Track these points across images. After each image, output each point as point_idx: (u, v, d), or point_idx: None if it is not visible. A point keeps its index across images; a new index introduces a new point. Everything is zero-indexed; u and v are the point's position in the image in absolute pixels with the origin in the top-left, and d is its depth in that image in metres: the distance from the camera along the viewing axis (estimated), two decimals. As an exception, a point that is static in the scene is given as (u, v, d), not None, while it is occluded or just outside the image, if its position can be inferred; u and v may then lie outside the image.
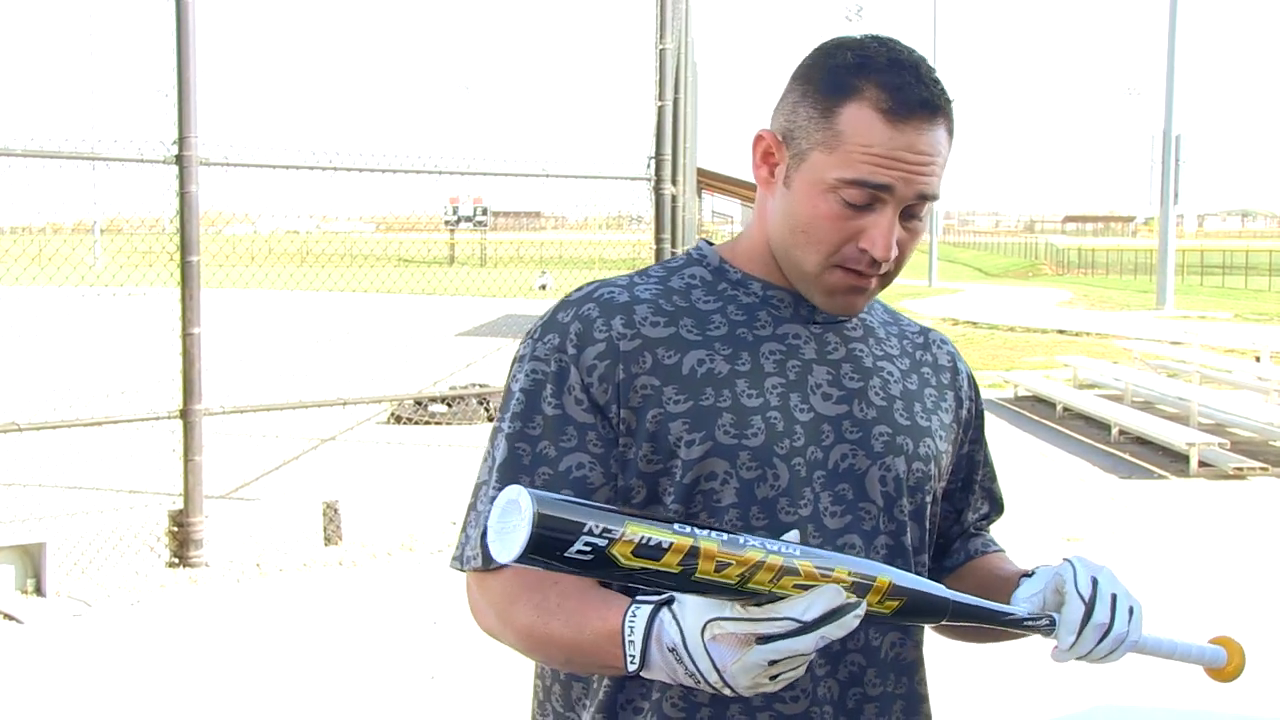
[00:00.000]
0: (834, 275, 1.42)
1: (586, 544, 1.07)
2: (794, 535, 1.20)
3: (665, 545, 1.10)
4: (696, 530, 1.11)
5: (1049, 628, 1.36)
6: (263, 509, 7.37)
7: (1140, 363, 14.67)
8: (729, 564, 1.12)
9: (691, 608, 1.16)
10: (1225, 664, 1.46)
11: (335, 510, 7.05)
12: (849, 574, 1.18)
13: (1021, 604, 1.39)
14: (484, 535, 1.40)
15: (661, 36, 7.95)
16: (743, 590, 1.13)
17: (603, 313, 1.43)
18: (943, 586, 1.30)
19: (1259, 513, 8.27)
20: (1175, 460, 9.68)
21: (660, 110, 8.02)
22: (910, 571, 1.45)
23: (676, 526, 1.11)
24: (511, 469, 1.41)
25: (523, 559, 1.06)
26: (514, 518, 1.07)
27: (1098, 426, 11.27)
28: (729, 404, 1.40)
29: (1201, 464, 9.37)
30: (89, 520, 6.91)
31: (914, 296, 33.14)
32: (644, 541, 1.09)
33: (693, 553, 1.10)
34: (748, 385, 1.42)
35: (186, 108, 6.56)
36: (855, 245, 1.39)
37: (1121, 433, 10.72)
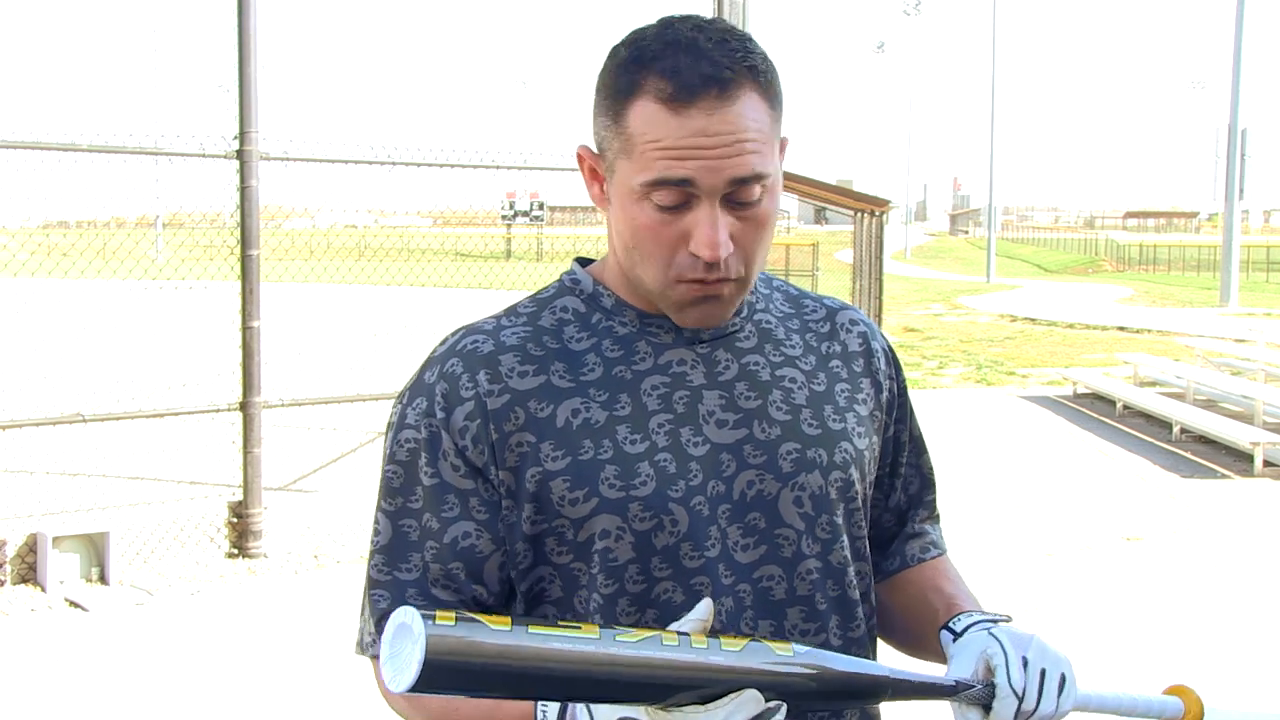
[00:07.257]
0: (678, 290, 1.31)
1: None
2: (704, 608, 1.13)
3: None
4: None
5: (987, 696, 1.30)
6: (321, 501, 7.46)
7: (1203, 360, 14.43)
8: None
9: (607, 707, 1.10)
10: (1182, 715, 1.40)
11: (392, 503, 7.10)
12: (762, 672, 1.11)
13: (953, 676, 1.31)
14: (380, 627, 1.34)
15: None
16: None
17: (467, 368, 1.34)
18: (876, 664, 1.22)
19: (1325, 514, 8.12)
20: (1239, 459, 9.53)
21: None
22: (854, 584, 1.40)
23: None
24: (400, 547, 1.34)
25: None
26: (406, 644, 1.00)
27: (1159, 425, 11.11)
28: (610, 455, 1.30)
29: (1266, 463, 9.22)
30: (151, 510, 7.03)
31: (972, 293, 32.87)
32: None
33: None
34: (630, 430, 1.31)
35: (247, 103, 6.64)
36: (687, 253, 1.28)
37: (1183, 431, 10.56)
